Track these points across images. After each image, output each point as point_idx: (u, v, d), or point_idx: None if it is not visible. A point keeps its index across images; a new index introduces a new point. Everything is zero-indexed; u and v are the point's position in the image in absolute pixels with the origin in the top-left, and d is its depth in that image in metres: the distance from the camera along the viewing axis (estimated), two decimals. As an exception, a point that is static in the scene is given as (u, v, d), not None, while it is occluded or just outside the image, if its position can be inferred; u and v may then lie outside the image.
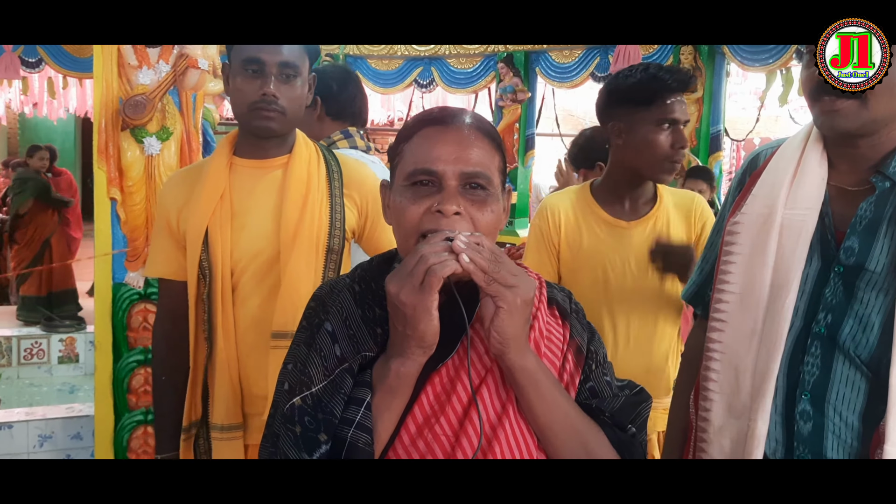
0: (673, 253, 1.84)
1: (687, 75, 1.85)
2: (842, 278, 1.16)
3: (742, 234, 1.27)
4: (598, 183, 1.97)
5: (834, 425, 1.14)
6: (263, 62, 1.54)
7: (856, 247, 1.15)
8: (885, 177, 1.14)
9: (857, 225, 1.16)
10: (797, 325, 1.19)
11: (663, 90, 1.81)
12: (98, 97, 2.58)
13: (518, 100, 5.68)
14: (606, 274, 1.87)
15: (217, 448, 1.63)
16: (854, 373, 1.12)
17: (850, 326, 1.14)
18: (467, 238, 0.89)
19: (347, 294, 1.04)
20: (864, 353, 1.12)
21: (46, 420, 3.13)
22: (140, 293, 2.71)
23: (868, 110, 1.09)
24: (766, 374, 1.19)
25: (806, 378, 1.17)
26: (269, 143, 1.62)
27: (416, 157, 0.96)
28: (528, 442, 0.96)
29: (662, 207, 1.91)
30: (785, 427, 1.19)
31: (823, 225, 1.20)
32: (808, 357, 1.17)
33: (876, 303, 1.11)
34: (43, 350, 4.47)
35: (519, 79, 5.66)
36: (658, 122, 1.81)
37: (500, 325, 0.89)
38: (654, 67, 1.86)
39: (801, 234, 1.19)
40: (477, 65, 5.93)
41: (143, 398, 2.72)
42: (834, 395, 1.14)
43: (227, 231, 1.59)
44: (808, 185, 1.22)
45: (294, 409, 0.95)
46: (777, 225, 1.22)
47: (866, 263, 1.13)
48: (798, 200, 1.22)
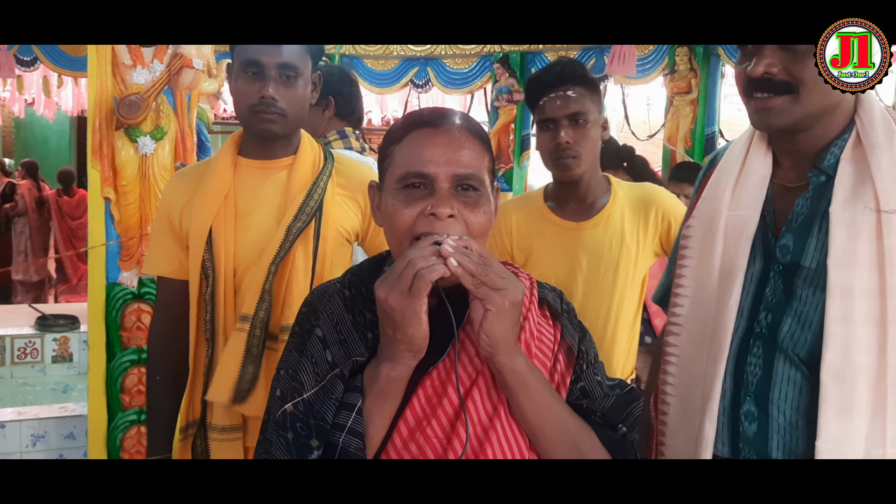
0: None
1: (564, 67, 1.78)
2: (781, 277, 1.15)
3: (693, 238, 1.27)
4: (551, 186, 1.93)
5: (778, 425, 1.12)
6: (263, 64, 1.53)
7: (790, 244, 1.14)
8: (820, 171, 1.13)
9: (794, 222, 1.15)
10: (742, 325, 1.18)
11: (538, 91, 1.78)
12: (92, 96, 2.57)
13: (514, 100, 5.69)
14: (557, 277, 1.81)
15: (216, 449, 1.61)
16: (794, 372, 1.11)
17: (789, 325, 1.12)
18: (455, 242, 0.89)
19: (338, 299, 1.04)
20: (802, 352, 1.11)
21: (39, 420, 3.12)
22: (134, 293, 2.70)
23: (800, 105, 1.08)
24: (713, 376, 1.18)
25: (749, 378, 1.16)
26: (275, 144, 1.62)
27: (408, 160, 0.96)
28: (519, 443, 0.96)
29: (616, 205, 1.83)
30: (731, 428, 1.18)
31: (765, 224, 1.19)
32: (750, 357, 1.16)
33: (814, 300, 1.10)
34: (37, 349, 4.45)
35: (515, 79, 5.66)
36: (539, 125, 1.80)
37: (488, 327, 0.89)
38: (545, 66, 1.84)
39: (742, 235, 1.18)
40: (473, 65, 5.94)
41: (137, 398, 2.71)
42: (776, 394, 1.12)
43: (230, 231, 1.58)
44: (751, 184, 1.21)
45: (286, 415, 0.96)
46: (722, 227, 1.21)
47: (801, 260, 1.12)
48: (741, 201, 1.21)
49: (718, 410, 1.17)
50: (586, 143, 1.76)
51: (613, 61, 4.81)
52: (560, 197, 1.87)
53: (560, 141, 1.74)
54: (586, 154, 1.76)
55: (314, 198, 1.59)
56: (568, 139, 1.73)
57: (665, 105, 5.33)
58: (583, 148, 1.75)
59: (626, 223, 1.82)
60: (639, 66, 4.91)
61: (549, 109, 1.75)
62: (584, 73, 1.79)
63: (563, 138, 1.73)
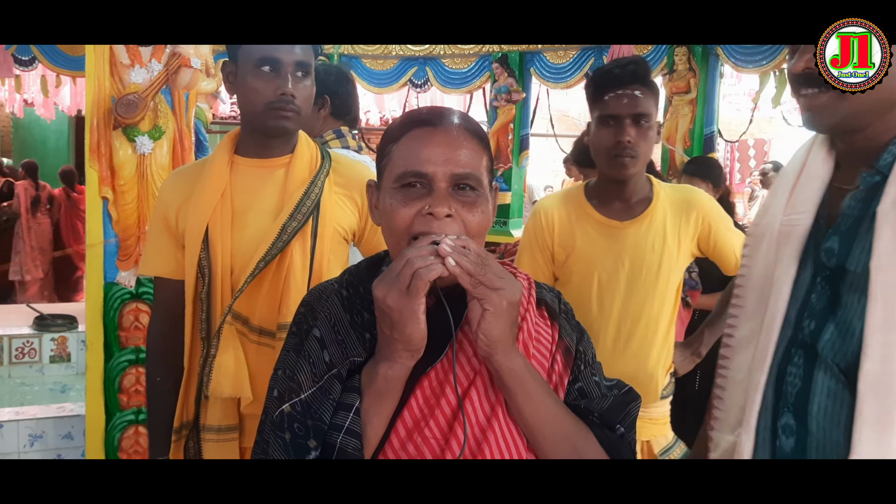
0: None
1: (637, 66, 1.79)
2: (827, 282, 1.08)
3: (750, 247, 1.23)
4: (593, 183, 1.94)
5: (817, 441, 1.04)
6: (280, 61, 1.53)
7: (836, 247, 1.07)
8: (875, 171, 1.05)
9: (842, 224, 1.07)
10: (788, 334, 1.11)
11: (605, 86, 1.79)
12: (90, 96, 2.57)
13: (512, 100, 5.68)
14: (599, 275, 1.85)
15: (211, 450, 1.60)
16: (835, 384, 1.03)
17: (831, 333, 1.04)
18: (453, 241, 0.89)
19: (335, 299, 1.04)
20: (843, 362, 1.02)
21: (37, 420, 3.11)
22: (131, 292, 2.70)
23: (847, 101, 1.02)
24: (755, 387, 1.12)
25: (788, 390, 1.09)
26: (275, 143, 1.61)
27: (406, 159, 0.96)
28: (517, 443, 0.96)
29: (659, 206, 1.86)
30: (771, 443, 1.11)
31: (818, 228, 1.12)
32: (790, 367, 1.09)
33: (858, 306, 1.01)
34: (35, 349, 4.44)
35: (513, 79, 5.66)
36: (600, 120, 1.80)
37: (486, 327, 0.89)
38: (613, 62, 1.85)
39: (790, 239, 1.13)
40: (472, 65, 5.93)
41: (135, 398, 2.71)
42: (815, 407, 1.04)
43: (227, 230, 1.58)
44: (806, 187, 1.15)
45: (283, 415, 0.95)
46: (776, 233, 1.16)
47: (846, 264, 1.04)
48: (795, 205, 1.16)
49: (759, 423, 1.11)
50: (644, 144, 1.78)
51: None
52: (604, 195, 1.89)
53: (622, 139, 1.75)
54: (643, 155, 1.79)
55: (311, 197, 1.59)
56: (630, 138, 1.75)
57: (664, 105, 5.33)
58: (641, 149, 1.78)
59: (668, 224, 1.85)
60: (637, 66, 4.90)
61: (613, 106, 1.76)
62: (651, 74, 1.82)
63: (626, 137, 1.75)
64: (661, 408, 1.95)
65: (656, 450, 1.96)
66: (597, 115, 1.82)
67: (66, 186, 7.86)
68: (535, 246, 1.94)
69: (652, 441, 1.95)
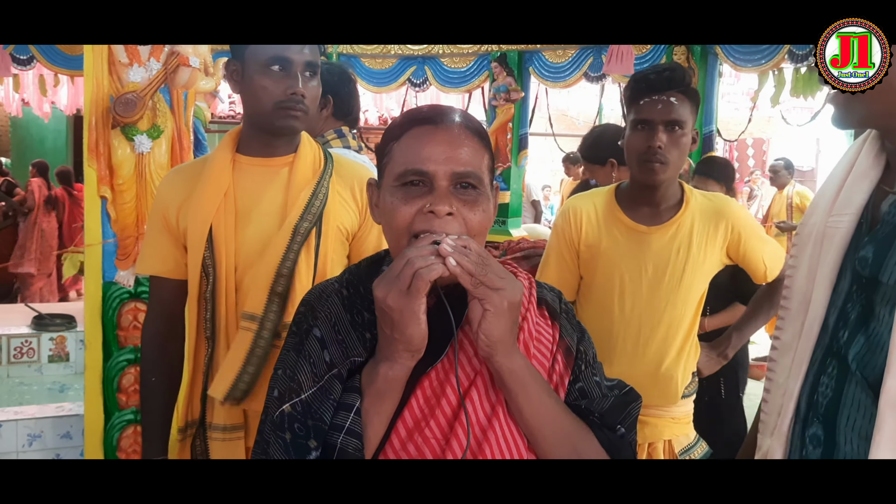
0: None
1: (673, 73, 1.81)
2: (863, 291, 1.02)
3: (798, 247, 1.18)
4: (625, 185, 1.96)
5: (844, 454, 1.00)
6: (291, 61, 1.53)
7: (870, 256, 1.01)
8: None
9: (880, 231, 1.02)
10: (825, 342, 1.07)
11: (641, 91, 1.81)
12: (88, 95, 2.56)
13: (511, 99, 5.68)
14: (622, 278, 1.87)
15: (217, 449, 1.60)
16: (865, 397, 0.98)
17: (860, 345, 1.00)
18: (454, 241, 0.88)
19: (336, 299, 1.03)
20: (871, 376, 0.98)
21: (35, 419, 3.11)
22: (130, 292, 2.70)
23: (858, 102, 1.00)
24: (790, 395, 1.09)
25: (819, 400, 1.05)
26: (279, 142, 1.61)
27: (407, 158, 0.96)
28: (518, 443, 0.96)
29: (687, 213, 1.86)
30: (801, 452, 1.07)
31: (860, 232, 1.07)
32: (823, 377, 1.05)
33: (890, 320, 0.96)
34: (33, 349, 4.43)
35: (512, 78, 5.65)
36: (633, 124, 1.82)
37: (487, 327, 0.89)
38: (651, 68, 1.87)
39: (833, 241, 1.08)
40: (470, 64, 5.93)
41: (133, 397, 2.71)
42: (844, 420, 1.01)
43: (231, 229, 1.58)
44: (853, 188, 1.10)
45: (284, 415, 0.95)
46: (821, 234, 1.11)
47: (879, 275, 0.99)
48: (839, 206, 1.10)
49: (791, 432, 1.09)
50: (676, 150, 1.80)
51: (611, 60, 4.80)
52: (634, 199, 1.90)
53: (652, 144, 1.77)
54: (674, 161, 1.80)
55: (319, 198, 1.60)
56: (661, 143, 1.77)
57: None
58: (671, 155, 1.79)
59: (696, 232, 1.86)
60: (637, 65, 4.90)
61: (647, 111, 1.79)
62: (690, 81, 1.83)
63: (656, 142, 1.77)
64: (682, 407, 1.95)
65: (677, 449, 1.96)
66: (631, 118, 1.85)
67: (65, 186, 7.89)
68: (563, 244, 1.96)
69: (673, 440, 1.96)
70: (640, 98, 1.81)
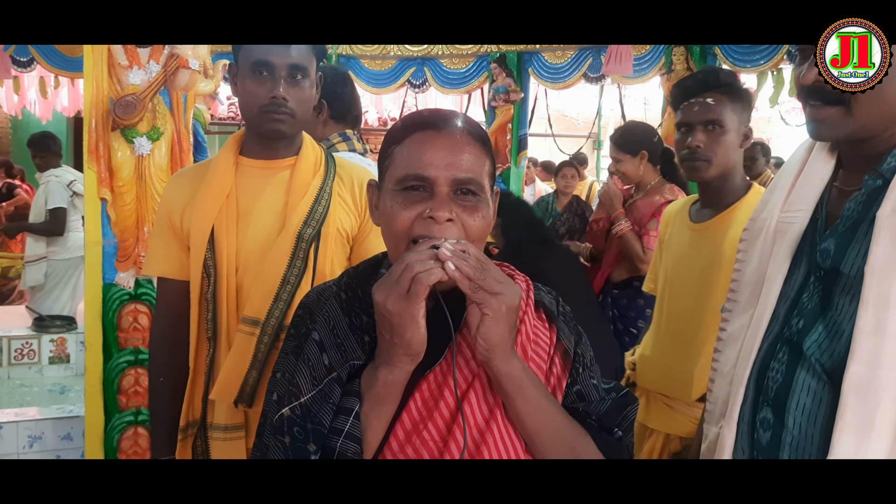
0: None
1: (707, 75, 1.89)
2: (821, 283, 1.08)
3: (746, 241, 1.24)
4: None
5: (792, 436, 1.05)
6: (273, 65, 1.54)
7: (831, 248, 1.07)
8: (878, 174, 1.06)
9: (840, 226, 1.07)
10: (775, 331, 1.12)
11: (680, 96, 1.90)
12: (88, 97, 2.56)
13: (511, 100, 5.68)
14: (666, 272, 1.99)
15: (218, 449, 1.61)
16: (816, 382, 1.04)
17: (819, 333, 1.05)
18: (453, 246, 0.89)
19: (334, 302, 1.04)
20: (828, 362, 1.03)
21: (36, 421, 3.11)
22: (130, 293, 2.70)
23: (852, 118, 1.03)
24: (739, 381, 1.14)
25: (770, 385, 1.10)
26: (279, 144, 1.62)
27: (408, 162, 0.96)
28: (515, 446, 0.96)
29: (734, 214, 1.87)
30: (749, 435, 1.12)
31: (815, 227, 1.13)
32: (773, 363, 1.10)
33: (849, 309, 1.01)
34: (34, 350, 4.43)
35: (511, 79, 5.65)
36: (677, 127, 1.91)
37: (485, 331, 0.89)
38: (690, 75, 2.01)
39: (785, 237, 1.13)
40: (470, 65, 5.93)
41: (134, 399, 2.71)
42: (794, 403, 1.06)
43: (232, 230, 1.59)
44: (806, 186, 1.15)
45: (283, 419, 0.95)
46: (773, 229, 1.16)
47: (841, 266, 1.04)
48: (793, 202, 1.16)
49: (740, 417, 1.13)
50: (718, 148, 1.85)
51: (610, 61, 4.80)
52: (701, 199, 1.99)
53: (689, 144, 1.84)
54: (717, 159, 1.85)
55: (322, 203, 1.61)
56: (698, 143, 1.83)
57: (662, 105, 5.33)
58: (713, 153, 1.84)
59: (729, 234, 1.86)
60: (635, 66, 4.90)
61: (686, 114, 1.88)
62: (732, 82, 1.88)
63: (692, 142, 1.84)
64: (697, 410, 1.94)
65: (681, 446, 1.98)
66: (675, 123, 1.93)
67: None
68: (659, 244, 2.14)
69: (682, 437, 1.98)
70: (681, 102, 1.89)
